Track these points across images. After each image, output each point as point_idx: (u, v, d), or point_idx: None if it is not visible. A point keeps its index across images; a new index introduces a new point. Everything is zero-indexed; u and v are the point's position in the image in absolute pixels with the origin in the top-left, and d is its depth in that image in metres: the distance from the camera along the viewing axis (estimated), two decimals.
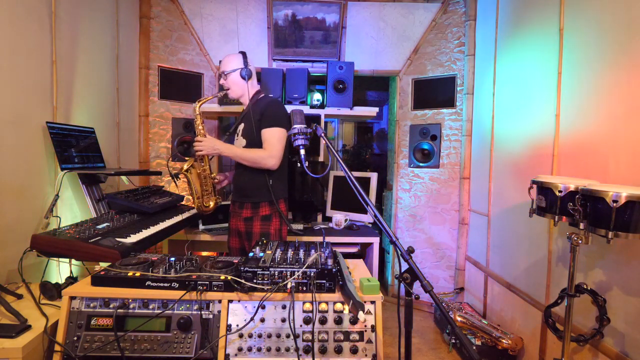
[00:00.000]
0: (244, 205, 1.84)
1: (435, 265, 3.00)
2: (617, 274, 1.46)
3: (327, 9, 2.89)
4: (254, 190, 1.81)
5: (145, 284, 1.13)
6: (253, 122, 1.78)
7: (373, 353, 1.12)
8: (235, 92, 1.88)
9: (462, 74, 2.83)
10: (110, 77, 2.36)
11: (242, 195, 1.85)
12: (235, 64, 1.84)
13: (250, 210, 1.83)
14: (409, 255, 0.97)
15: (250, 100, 1.87)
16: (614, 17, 1.51)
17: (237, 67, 1.83)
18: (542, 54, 1.96)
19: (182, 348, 1.07)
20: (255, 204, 1.82)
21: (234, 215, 1.91)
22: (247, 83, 1.85)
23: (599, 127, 1.58)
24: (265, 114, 1.76)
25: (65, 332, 1.06)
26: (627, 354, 1.40)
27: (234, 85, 1.86)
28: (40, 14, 1.70)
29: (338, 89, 2.81)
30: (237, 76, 1.84)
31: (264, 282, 1.12)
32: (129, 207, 1.83)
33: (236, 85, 1.86)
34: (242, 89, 1.87)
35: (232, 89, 1.87)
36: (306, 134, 1.34)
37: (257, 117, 1.78)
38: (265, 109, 1.77)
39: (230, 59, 1.85)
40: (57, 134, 1.73)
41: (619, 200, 1.16)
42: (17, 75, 1.56)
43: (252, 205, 1.83)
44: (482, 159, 2.61)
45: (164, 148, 2.86)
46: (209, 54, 2.94)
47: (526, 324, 2.07)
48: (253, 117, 1.78)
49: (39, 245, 1.34)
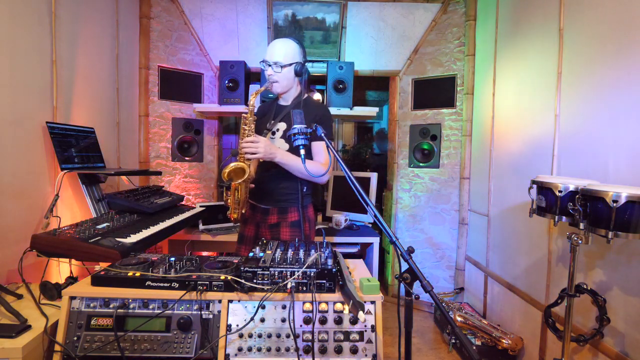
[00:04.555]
0: (269, 211, 1.69)
1: (435, 265, 3.00)
2: (617, 274, 1.46)
3: (327, 9, 2.89)
4: (284, 195, 1.67)
5: (145, 284, 1.13)
6: None
7: (373, 353, 1.12)
8: (283, 87, 1.66)
9: (462, 74, 2.83)
10: (110, 77, 2.36)
11: (270, 201, 1.68)
12: (295, 56, 1.63)
13: (277, 215, 1.68)
14: (409, 255, 0.97)
15: (295, 99, 1.70)
16: (614, 17, 1.52)
17: (294, 61, 1.63)
18: (542, 54, 1.96)
19: (182, 348, 1.07)
20: (283, 209, 1.68)
21: (252, 222, 1.74)
22: (297, 80, 1.69)
23: (599, 127, 1.58)
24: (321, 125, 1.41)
25: (65, 332, 1.06)
26: (627, 354, 1.40)
27: (284, 80, 1.64)
28: (40, 14, 1.70)
29: (338, 89, 2.81)
30: (292, 70, 1.64)
31: (264, 282, 1.12)
32: (129, 207, 1.83)
33: (288, 80, 1.65)
34: (291, 84, 1.68)
35: (281, 83, 1.64)
36: (306, 134, 1.33)
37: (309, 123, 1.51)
38: (322, 118, 1.62)
39: (289, 49, 1.62)
40: (57, 134, 1.73)
41: (619, 200, 1.17)
42: (17, 75, 1.56)
43: (279, 210, 1.68)
44: (482, 159, 2.61)
45: (164, 148, 2.86)
46: (209, 54, 2.94)
47: (526, 324, 2.07)
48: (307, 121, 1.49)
49: (39, 245, 1.34)
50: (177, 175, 2.91)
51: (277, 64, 1.60)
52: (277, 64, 1.60)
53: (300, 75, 1.66)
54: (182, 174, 2.93)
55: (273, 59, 1.61)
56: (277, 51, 1.61)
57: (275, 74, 1.61)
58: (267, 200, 1.69)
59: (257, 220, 1.73)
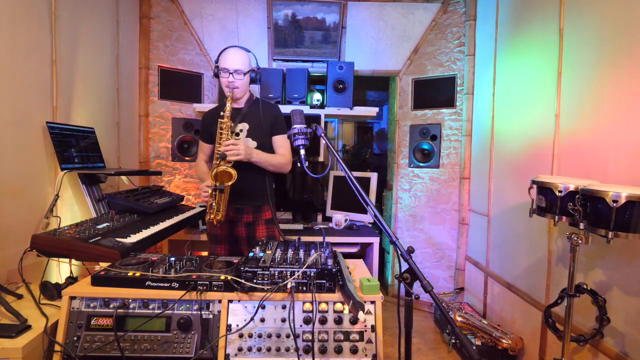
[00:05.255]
0: (243, 210, 1.78)
1: (435, 265, 3.00)
2: (617, 274, 1.46)
3: (327, 9, 2.89)
4: (256, 193, 1.78)
5: (145, 284, 1.13)
6: (263, 125, 1.78)
7: (373, 353, 1.12)
8: (242, 92, 1.79)
9: (462, 74, 2.83)
10: (110, 77, 2.36)
11: (245, 200, 1.77)
12: (249, 64, 1.79)
13: (252, 214, 1.79)
14: (409, 255, 0.97)
15: (248, 101, 1.84)
16: (614, 17, 1.51)
17: (251, 68, 1.80)
18: (542, 54, 1.96)
19: (182, 348, 1.07)
20: (257, 207, 1.79)
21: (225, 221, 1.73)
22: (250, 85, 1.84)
23: (599, 127, 1.58)
24: (278, 121, 1.81)
25: (65, 332, 1.06)
26: (627, 354, 1.40)
27: (244, 85, 1.78)
28: (41, 13, 1.70)
29: (338, 89, 2.81)
30: (248, 77, 1.79)
31: (264, 282, 1.12)
32: (129, 207, 1.83)
33: (246, 85, 1.80)
34: (247, 89, 1.83)
35: (241, 89, 1.77)
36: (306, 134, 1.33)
37: (269, 121, 1.79)
38: (278, 115, 1.82)
39: (246, 58, 1.77)
40: (57, 134, 1.73)
41: (619, 200, 1.16)
42: (17, 75, 1.56)
43: (254, 209, 1.79)
44: (482, 159, 2.61)
45: (164, 148, 2.86)
46: (209, 54, 2.94)
47: (526, 324, 2.07)
48: (263, 120, 1.78)
49: (39, 245, 1.34)
50: (177, 175, 2.91)
51: (237, 71, 1.72)
52: (239, 72, 1.73)
53: (255, 82, 1.82)
54: (182, 174, 2.93)
55: (234, 67, 1.72)
56: (237, 60, 1.74)
57: (237, 80, 1.73)
58: (241, 199, 1.77)
59: (230, 218, 1.79)
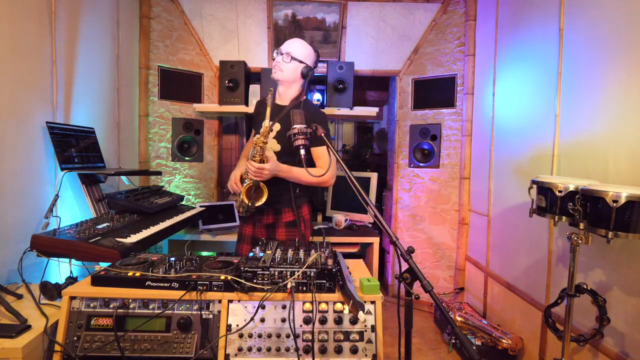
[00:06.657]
0: (263, 211, 1.73)
1: (435, 265, 3.00)
2: (617, 274, 1.46)
3: (327, 9, 2.89)
4: (276, 197, 1.68)
5: (145, 284, 1.13)
6: None
7: (373, 353, 1.12)
8: (284, 78, 1.69)
9: (462, 74, 2.83)
10: (110, 77, 2.36)
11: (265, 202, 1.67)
12: (307, 58, 1.69)
13: (272, 216, 1.74)
14: (409, 255, 0.97)
15: (293, 100, 1.72)
16: (614, 17, 1.51)
17: (306, 62, 1.68)
18: (542, 54, 1.96)
19: (182, 348, 1.07)
20: (277, 210, 1.73)
21: (249, 221, 1.79)
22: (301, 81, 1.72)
23: (598, 127, 1.58)
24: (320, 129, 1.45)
25: (65, 332, 1.06)
26: (627, 354, 1.40)
27: (289, 72, 1.67)
28: (40, 13, 1.70)
29: (338, 89, 2.81)
30: (299, 69, 1.68)
31: (264, 282, 1.12)
32: (129, 207, 1.83)
33: (292, 74, 1.68)
34: (293, 81, 1.71)
35: (285, 74, 1.67)
36: (306, 133, 1.33)
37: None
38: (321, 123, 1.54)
39: (305, 50, 1.69)
40: (57, 134, 1.73)
41: (619, 200, 1.16)
42: (17, 75, 1.56)
43: (273, 211, 1.73)
44: (482, 159, 2.61)
45: (164, 148, 2.86)
46: (209, 54, 2.94)
47: (526, 324, 2.07)
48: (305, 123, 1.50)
49: (39, 245, 1.34)
50: (177, 175, 2.91)
51: (288, 54, 1.65)
52: (289, 54, 1.65)
53: (306, 77, 1.70)
54: (182, 174, 2.93)
55: (287, 49, 1.67)
56: (293, 44, 1.68)
57: (284, 63, 1.66)
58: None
59: (254, 219, 1.77)
